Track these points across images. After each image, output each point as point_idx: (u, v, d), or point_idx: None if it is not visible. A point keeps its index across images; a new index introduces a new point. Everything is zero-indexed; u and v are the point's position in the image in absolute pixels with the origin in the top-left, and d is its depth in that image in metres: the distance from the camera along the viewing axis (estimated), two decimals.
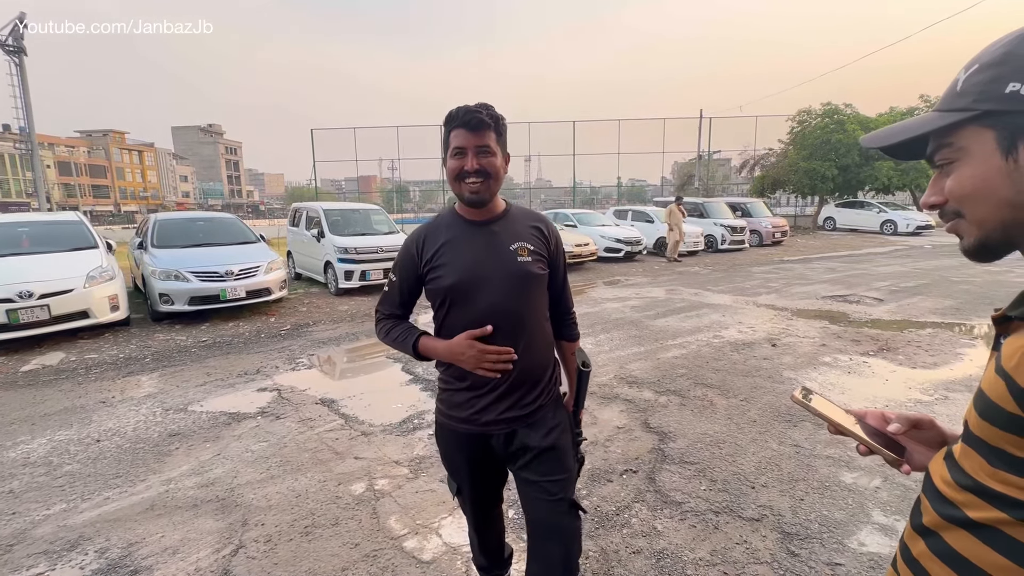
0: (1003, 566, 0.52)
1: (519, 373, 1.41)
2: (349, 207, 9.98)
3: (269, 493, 2.71)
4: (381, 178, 60.84)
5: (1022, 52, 0.53)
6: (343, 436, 3.39)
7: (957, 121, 0.57)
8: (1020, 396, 0.50)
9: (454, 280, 1.38)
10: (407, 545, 2.28)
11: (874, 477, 2.74)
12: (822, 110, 21.21)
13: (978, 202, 0.58)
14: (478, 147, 1.32)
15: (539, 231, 1.48)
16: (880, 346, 5.12)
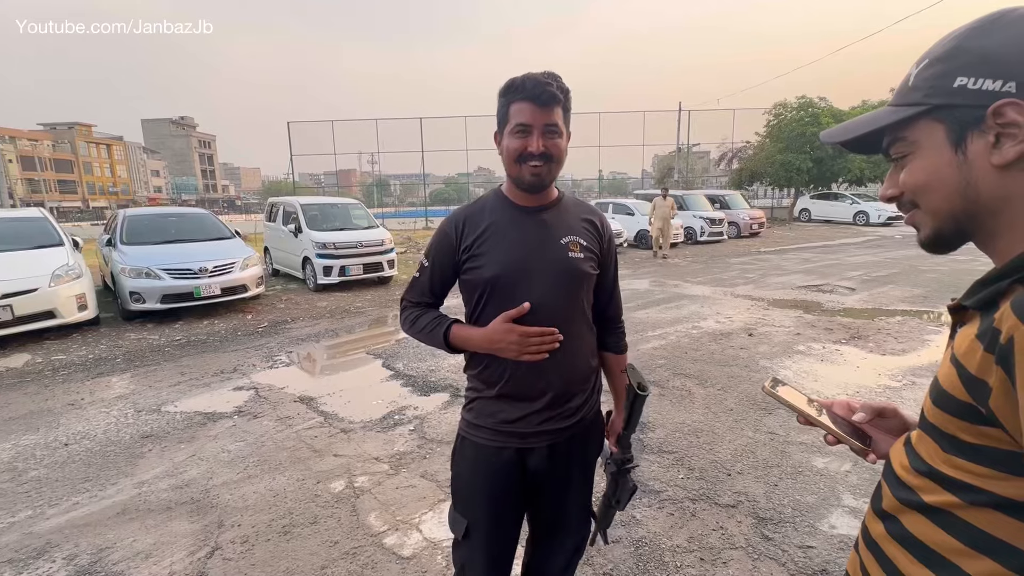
0: (956, 548, 0.54)
1: (559, 382, 1.25)
2: (327, 201, 9.83)
3: (246, 493, 2.67)
4: (361, 172, 60.02)
5: (969, 46, 0.54)
6: (322, 434, 3.35)
7: (909, 116, 0.58)
8: (970, 384, 0.51)
9: (496, 272, 1.21)
10: (387, 542, 2.27)
11: (844, 462, 2.82)
12: (797, 103, 21.59)
13: (931, 193, 0.59)
14: (546, 125, 1.14)
15: (592, 225, 1.31)
16: (852, 334, 5.26)
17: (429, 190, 35.88)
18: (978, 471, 0.51)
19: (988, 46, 0.53)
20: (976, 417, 0.51)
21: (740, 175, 23.89)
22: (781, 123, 21.78)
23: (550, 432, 1.26)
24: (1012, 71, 0.51)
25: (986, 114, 0.52)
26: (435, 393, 4.02)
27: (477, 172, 50.51)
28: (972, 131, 0.54)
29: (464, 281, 1.28)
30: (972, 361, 0.51)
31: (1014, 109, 0.50)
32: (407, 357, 4.92)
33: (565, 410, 1.27)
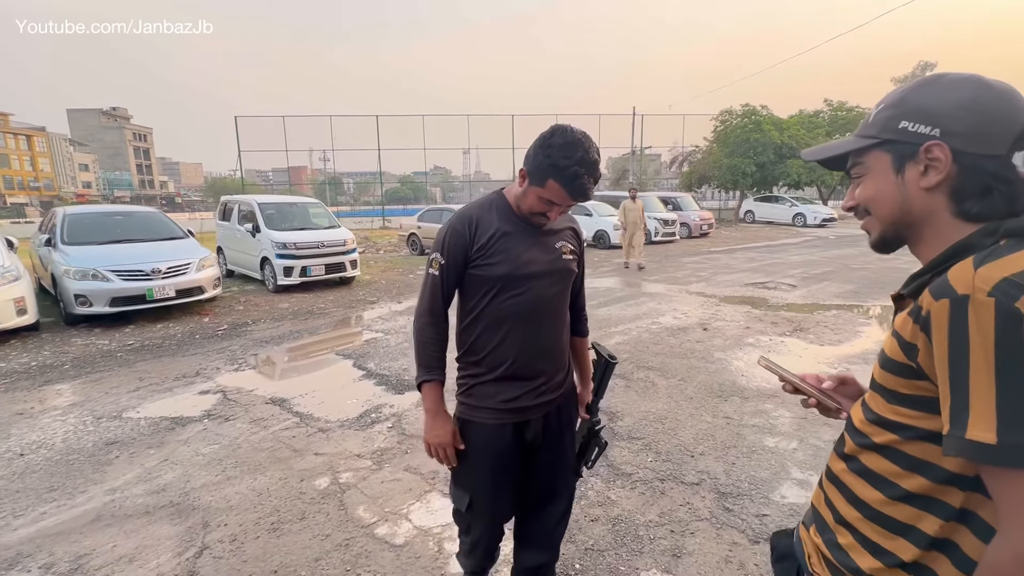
0: (897, 472, 0.72)
1: (554, 363, 1.49)
2: (286, 200, 9.58)
3: (228, 494, 2.66)
4: (312, 169, 58.13)
5: (912, 99, 0.73)
6: (300, 434, 3.36)
7: (866, 145, 0.77)
8: (905, 348, 0.70)
9: (509, 270, 1.39)
10: (378, 532, 2.35)
11: (792, 441, 3.14)
12: (742, 111, 22.84)
13: (878, 205, 0.78)
14: (568, 206, 1.39)
15: (574, 231, 1.56)
16: (794, 327, 5.73)
17: (385, 188, 35.23)
18: (912, 414, 0.70)
19: (924, 100, 0.72)
20: (910, 373, 0.69)
21: (690, 178, 25.00)
22: (727, 129, 22.98)
23: (544, 404, 1.49)
24: (938, 120, 0.70)
25: (919, 150, 0.71)
26: (410, 391, 4.09)
27: (434, 171, 50.12)
28: (909, 161, 0.73)
29: (473, 277, 1.42)
30: (906, 331, 0.69)
31: (938, 148, 0.69)
32: (378, 357, 4.94)
33: (553, 384, 1.51)
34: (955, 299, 0.62)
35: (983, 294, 0.60)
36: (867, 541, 0.75)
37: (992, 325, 0.59)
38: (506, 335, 1.42)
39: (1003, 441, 0.58)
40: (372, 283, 9.18)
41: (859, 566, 0.75)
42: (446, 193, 48.54)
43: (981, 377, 0.59)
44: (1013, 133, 0.67)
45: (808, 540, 0.86)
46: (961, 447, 0.61)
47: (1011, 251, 0.63)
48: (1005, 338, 0.58)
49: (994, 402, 0.59)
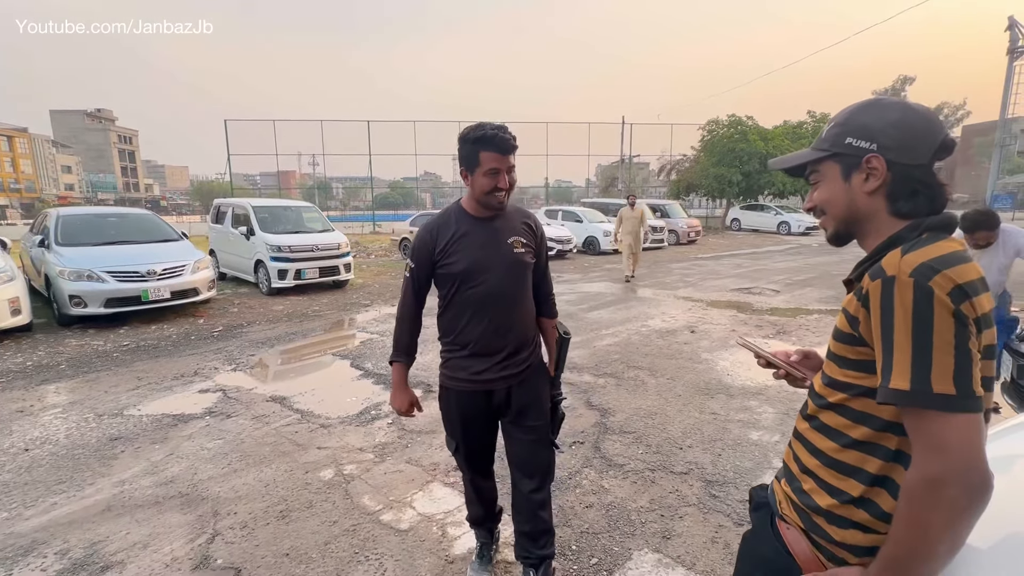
0: (847, 424, 0.87)
1: (513, 341, 1.75)
2: (280, 204, 9.64)
3: (236, 485, 2.75)
4: (301, 173, 57.81)
5: (855, 118, 0.90)
6: (302, 429, 3.45)
7: (821, 157, 0.94)
8: (851, 321, 0.85)
9: (464, 266, 1.66)
10: (384, 518, 2.46)
11: (774, 434, 3.31)
12: (728, 121, 23.33)
13: (831, 206, 0.95)
14: (509, 167, 1.60)
15: (529, 227, 1.79)
16: (778, 330, 5.94)
17: (375, 193, 35.23)
18: (856, 375, 0.86)
19: (864, 120, 0.88)
20: (855, 341, 0.85)
21: (678, 186, 25.42)
22: (714, 139, 23.44)
23: (506, 377, 1.75)
24: (875, 136, 0.86)
25: (862, 161, 0.88)
26: None
27: (424, 176, 50.24)
28: (854, 170, 0.89)
29: (440, 275, 1.72)
30: (851, 308, 0.85)
31: (876, 159, 0.86)
32: (375, 357, 5.04)
33: (516, 360, 1.76)
34: (885, 280, 0.78)
35: (905, 276, 0.76)
36: (824, 484, 0.90)
37: (911, 299, 0.75)
38: (469, 320, 1.70)
39: (914, 387, 0.74)
40: (365, 286, 9.26)
41: (818, 504, 0.90)
42: (436, 199, 48.63)
43: (902, 339, 0.75)
44: (932, 146, 0.84)
45: (779, 490, 1.01)
46: (886, 395, 0.77)
47: (930, 242, 0.80)
48: (919, 309, 0.74)
49: (909, 358, 0.75)
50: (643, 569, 2.11)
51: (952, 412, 0.73)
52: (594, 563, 2.16)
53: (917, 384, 0.74)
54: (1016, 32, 24.15)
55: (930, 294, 0.74)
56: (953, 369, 0.72)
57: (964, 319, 0.73)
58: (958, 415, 0.72)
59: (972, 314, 0.74)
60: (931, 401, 0.73)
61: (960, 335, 0.73)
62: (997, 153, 25.31)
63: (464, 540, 2.30)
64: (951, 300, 0.73)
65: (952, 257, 0.77)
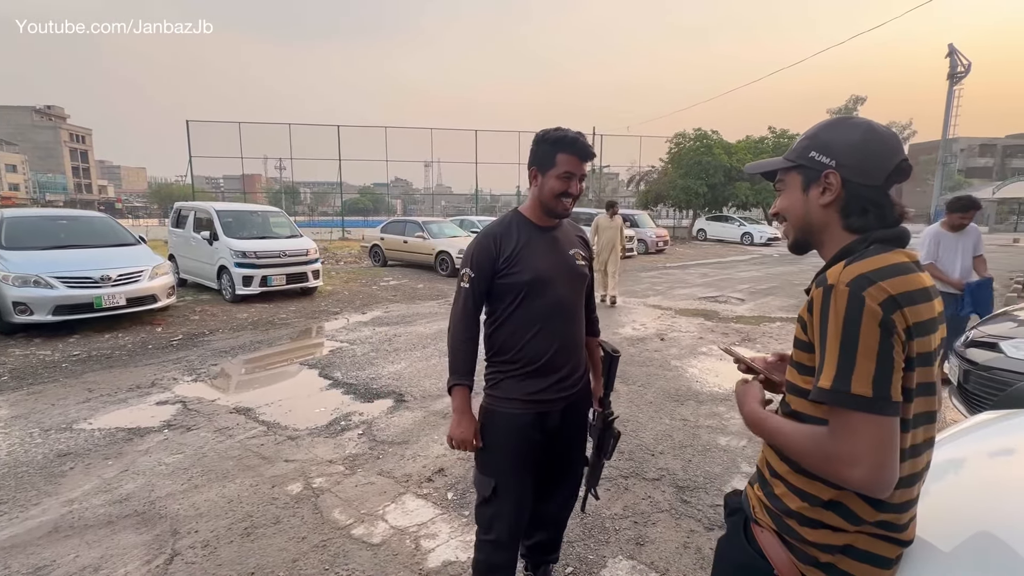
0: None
1: (575, 358, 1.65)
2: (246, 208, 9.36)
3: (197, 502, 2.63)
4: (267, 177, 56.26)
5: (820, 135, 0.94)
6: (268, 442, 3.33)
7: (787, 166, 0.99)
8: (803, 326, 0.90)
9: (532, 276, 1.55)
10: (355, 533, 2.39)
11: (742, 439, 3.40)
12: (694, 135, 24.08)
13: (790, 215, 1.00)
14: (582, 175, 1.56)
15: (583, 239, 1.74)
16: (743, 337, 6.13)
17: (344, 199, 34.63)
18: (808, 380, 0.89)
19: (829, 137, 0.93)
20: (808, 347, 0.89)
21: (647, 196, 26.02)
22: (681, 151, 24.14)
23: (564, 397, 1.64)
24: (836, 154, 0.91)
25: (821, 175, 0.93)
26: (379, 399, 4.11)
27: (395, 182, 49.70)
28: (813, 183, 0.95)
29: (503, 284, 1.58)
30: (804, 313, 0.90)
31: (833, 175, 0.92)
32: (345, 367, 4.93)
33: (573, 379, 1.67)
34: (826, 287, 0.84)
35: (843, 285, 0.82)
36: (794, 488, 0.93)
37: (844, 306, 0.80)
38: (534, 335, 1.58)
39: (834, 386, 0.80)
40: (335, 294, 9.07)
41: (789, 507, 0.93)
42: (407, 205, 48.15)
43: (832, 343, 0.81)
44: (887, 170, 0.89)
45: (752, 495, 1.03)
46: (816, 393, 0.83)
47: (874, 254, 0.86)
48: (849, 316, 0.80)
49: (836, 360, 0.80)
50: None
51: (866, 412, 0.78)
52: (569, 572, 2.16)
53: (838, 384, 0.79)
54: (955, 59, 25.88)
55: (861, 303, 0.79)
56: (873, 374, 0.78)
57: (892, 328, 0.78)
58: (871, 415, 0.78)
59: (903, 323, 0.79)
60: (848, 400, 0.78)
61: (884, 343, 0.78)
62: (940, 170, 26.96)
63: (438, 552, 2.26)
64: (882, 310, 0.78)
65: (893, 269, 0.82)
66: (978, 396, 3.00)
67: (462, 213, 25.04)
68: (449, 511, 2.57)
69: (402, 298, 8.77)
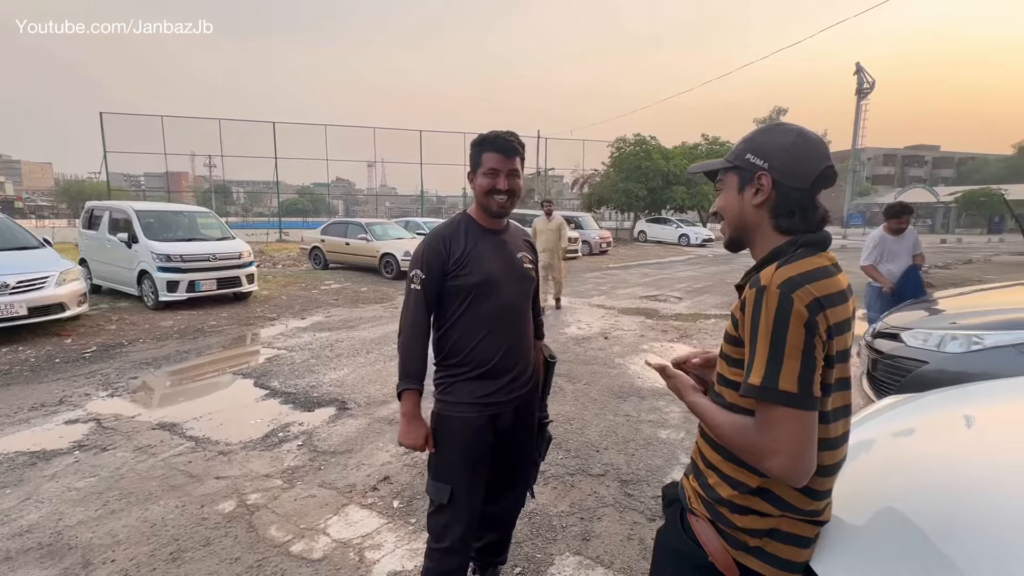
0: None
1: (523, 360, 1.68)
2: (170, 208, 8.71)
3: (113, 529, 2.40)
4: (195, 175, 52.61)
5: (756, 138, 1.00)
6: (197, 458, 3.11)
7: (726, 167, 1.03)
8: (734, 323, 0.95)
9: (481, 278, 1.56)
10: (294, 549, 2.27)
11: (680, 432, 3.55)
12: (634, 140, 24.99)
13: (727, 213, 1.05)
14: (510, 170, 1.55)
15: (529, 244, 1.77)
16: (681, 334, 6.42)
17: (281, 199, 33.04)
18: (736, 372, 0.95)
19: (764, 140, 0.99)
20: (737, 342, 0.95)
21: (590, 199, 26.71)
22: (622, 156, 24.98)
23: (516, 398, 1.67)
24: (768, 157, 0.96)
25: (754, 176, 0.97)
26: (320, 408, 3.95)
27: (336, 183, 48.02)
28: (748, 183, 0.99)
29: (452, 286, 1.58)
30: (736, 311, 0.95)
31: (764, 177, 0.96)
32: (283, 375, 4.70)
33: (523, 380, 1.69)
34: (759, 288, 0.89)
35: (775, 287, 0.87)
36: (726, 476, 0.98)
37: (775, 307, 0.86)
38: (483, 337, 1.59)
39: (763, 384, 0.85)
40: (271, 299, 8.62)
41: (721, 496, 0.98)
42: (349, 207, 46.65)
43: (762, 342, 0.86)
44: (814, 174, 0.95)
45: (688, 486, 1.08)
46: (745, 389, 0.88)
47: (802, 257, 0.91)
48: (779, 317, 0.85)
49: (766, 359, 0.85)
50: (565, 573, 2.15)
51: (790, 407, 0.84)
52: (517, 573, 2.16)
53: (767, 381, 0.85)
54: (862, 76, 28.32)
55: (790, 305, 0.84)
56: (798, 372, 0.83)
57: (815, 329, 0.84)
58: (794, 410, 0.84)
59: (825, 324, 0.85)
60: (776, 397, 0.84)
61: (808, 343, 0.84)
62: (851, 177, 29.46)
63: (384, 563, 2.19)
64: (807, 311, 0.84)
65: (818, 273, 0.89)
66: (885, 382, 3.30)
67: (407, 214, 24.61)
68: (395, 520, 2.50)
69: (344, 302, 8.48)
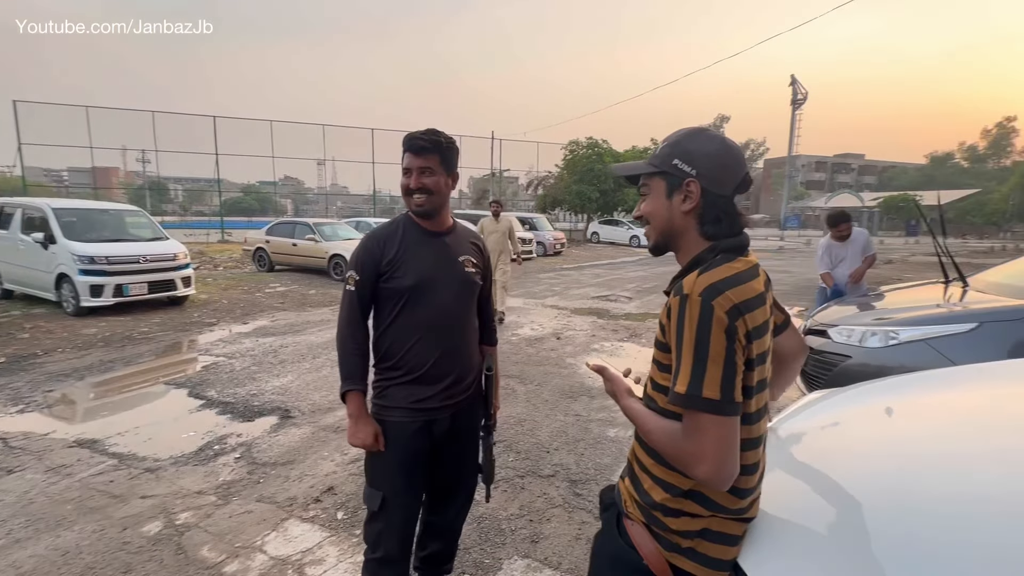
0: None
1: (461, 366, 1.64)
2: (94, 207, 8.07)
3: (18, 560, 2.18)
4: (127, 171, 49.12)
5: (682, 144, 1.00)
6: (120, 477, 2.88)
7: (653, 171, 1.03)
8: (662, 328, 0.97)
9: (414, 281, 1.54)
10: (227, 570, 2.14)
11: (628, 430, 3.63)
12: (586, 143, 25.48)
13: (654, 218, 1.05)
14: (420, 168, 1.53)
15: (477, 247, 1.72)
16: (631, 333, 6.58)
17: (224, 198, 31.39)
18: (665, 377, 0.97)
19: (690, 147, 1.00)
20: (666, 348, 0.96)
21: (544, 200, 26.99)
22: (575, 158, 25.41)
23: (451, 405, 1.63)
24: (696, 163, 0.98)
25: (683, 183, 0.99)
26: (261, 417, 3.76)
27: (284, 181, 46.15)
28: (676, 189, 1.00)
29: (386, 288, 1.56)
30: (663, 317, 0.97)
31: (693, 184, 0.98)
32: (221, 384, 4.44)
33: (462, 387, 1.66)
34: (682, 296, 0.91)
35: (696, 294, 0.89)
36: (659, 480, 0.99)
37: (697, 315, 0.87)
38: (416, 342, 1.56)
39: (689, 391, 0.87)
40: (211, 303, 8.16)
41: (655, 500, 0.99)
42: (299, 206, 44.91)
43: (687, 349, 0.88)
44: (735, 181, 0.99)
45: (623, 489, 1.09)
46: (672, 397, 0.90)
47: (721, 263, 0.94)
48: (701, 324, 0.87)
49: (690, 367, 0.87)
50: None
51: (714, 414, 0.86)
52: None
53: (692, 389, 0.86)
54: (796, 88, 30.11)
55: (711, 312, 0.86)
56: (720, 378, 0.86)
57: (735, 334, 0.87)
58: (718, 417, 0.86)
59: (744, 328, 0.88)
60: (700, 404, 0.86)
61: (729, 349, 0.86)
62: (787, 183, 31.26)
63: None
64: (727, 317, 0.86)
65: (736, 279, 0.91)
66: (815, 376, 3.50)
67: (359, 214, 23.97)
68: (339, 532, 2.41)
69: (291, 305, 8.14)
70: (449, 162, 1.59)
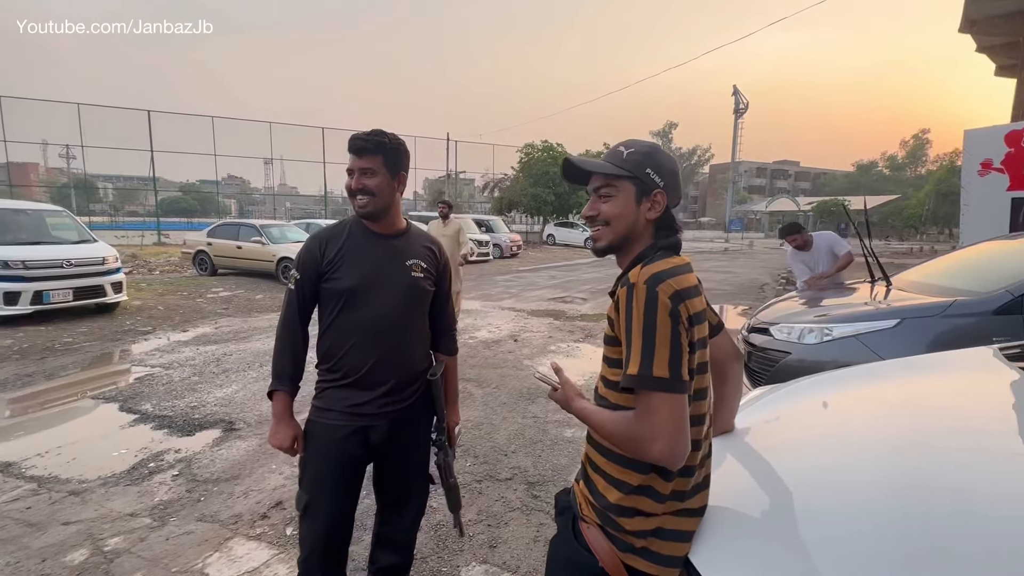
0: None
1: (400, 373, 1.58)
2: (8, 206, 7.37)
3: None
4: (48, 168, 45.29)
5: (654, 157, 1.06)
6: (39, 503, 2.63)
7: (622, 175, 1.05)
8: (610, 323, 1.01)
9: (352, 284, 1.51)
10: None
11: (584, 430, 3.67)
12: (541, 146, 25.78)
13: (618, 222, 1.07)
14: (362, 169, 1.50)
15: (431, 251, 1.67)
16: (586, 334, 6.69)
17: (160, 197, 29.52)
18: (618, 372, 0.98)
19: (660, 161, 1.06)
20: (614, 341, 0.99)
21: (501, 203, 27.08)
22: (530, 161, 25.65)
23: (389, 412, 1.58)
24: (664, 176, 1.05)
25: (653, 192, 1.04)
26: (202, 431, 3.55)
27: (227, 180, 43.94)
28: (644, 197, 1.05)
29: (326, 289, 1.54)
30: (611, 312, 1.00)
31: (660, 195, 1.04)
32: (157, 396, 4.16)
33: (402, 395, 1.61)
34: (629, 286, 0.96)
35: (642, 282, 0.94)
36: (611, 479, 1.01)
37: (644, 300, 0.93)
38: (353, 345, 1.53)
39: (640, 372, 0.91)
40: (145, 309, 7.63)
41: (609, 500, 1.00)
42: (244, 206, 42.87)
43: (636, 333, 0.92)
44: (679, 197, 1.09)
45: (578, 491, 1.10)
46: (625, 380, 0.93)
47: (662, 258, 1.01)
48: (648, 309, 0.92)
49: (640, 349, 0.91)
50: None
51: (665, 392, 0.90)
52: None
53: (643, 370, 0.91)
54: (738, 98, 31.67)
55: (656, 296, 0.92)
56: (668, 357, 0.91)
57: (678, 317, 0.93)
58: (669, 395, 0.90)
59: (686, 312, 0.94)
60: (651, 383, 0.90)
61: (675, 331, 0.92)
62: (731, 188, 32.85)
63: None
64: (671, 302, 0.92)
65: (676, 269, 0.98)
66: (758, 372, 3.68)
67: (310, 216, 23.17)
68: (288, 549, 2.30)
69: (235, 311, 7.75)
70: (395, 163, 1.54)
